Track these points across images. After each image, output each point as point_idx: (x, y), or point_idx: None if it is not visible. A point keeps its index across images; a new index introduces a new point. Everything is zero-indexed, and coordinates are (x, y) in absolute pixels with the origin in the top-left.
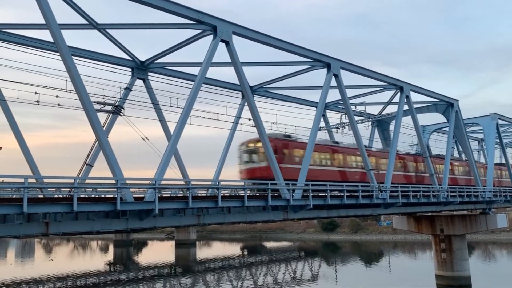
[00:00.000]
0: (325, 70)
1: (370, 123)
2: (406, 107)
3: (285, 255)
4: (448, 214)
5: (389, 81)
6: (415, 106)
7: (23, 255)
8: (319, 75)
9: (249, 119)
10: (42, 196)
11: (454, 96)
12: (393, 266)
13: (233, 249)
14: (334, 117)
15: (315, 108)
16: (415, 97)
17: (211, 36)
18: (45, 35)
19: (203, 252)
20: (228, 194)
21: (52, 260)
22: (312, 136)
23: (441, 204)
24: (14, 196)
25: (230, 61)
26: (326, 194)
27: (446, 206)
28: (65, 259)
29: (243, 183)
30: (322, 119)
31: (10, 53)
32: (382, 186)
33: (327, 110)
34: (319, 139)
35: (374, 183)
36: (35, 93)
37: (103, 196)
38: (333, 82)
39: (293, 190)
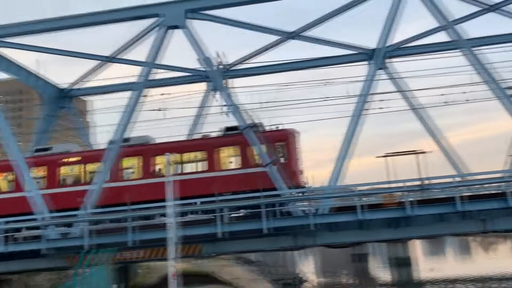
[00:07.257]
0: None
1: None
2: None
3: None
4: None
5: None
6: None
7: (461, 253)
8: None
9: None
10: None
11: None
12: None
13: None
14: None
15: None
16: None
17: None
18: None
19: None
20: None
21: (496, 259)
22: None
23: None
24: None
25: None
26: None
27: None
28: (505, 259)
29: None
30: None
31: (410, 64)
32: None
33: None
34: None
35: None
36: (442, 94)
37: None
38: None
39: None
